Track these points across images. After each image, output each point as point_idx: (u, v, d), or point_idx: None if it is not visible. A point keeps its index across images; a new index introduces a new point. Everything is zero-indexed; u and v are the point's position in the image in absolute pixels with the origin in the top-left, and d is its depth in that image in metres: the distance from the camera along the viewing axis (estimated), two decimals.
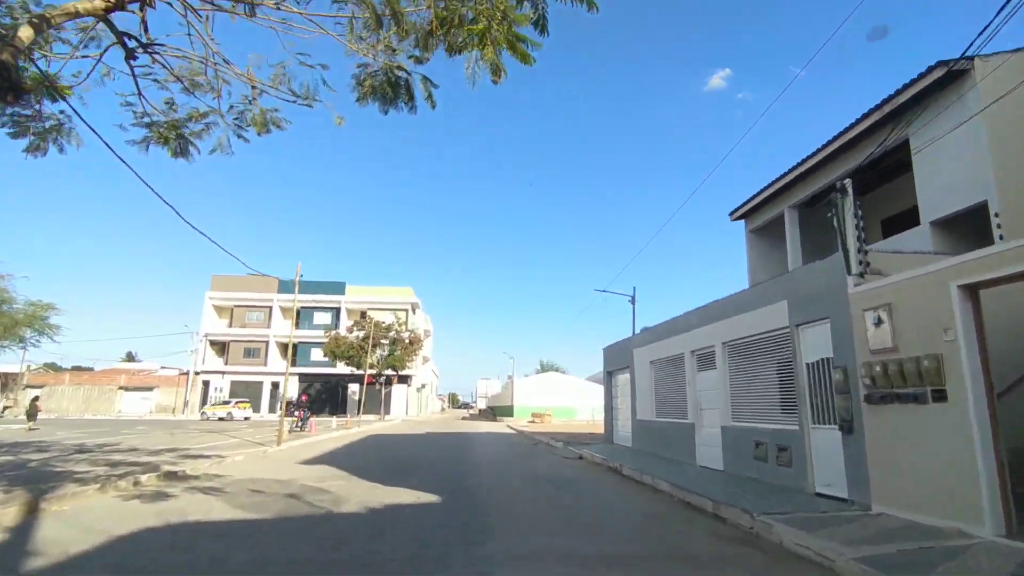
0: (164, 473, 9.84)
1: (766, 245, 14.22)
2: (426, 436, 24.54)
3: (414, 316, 55.27)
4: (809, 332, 8.17)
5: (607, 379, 19.29)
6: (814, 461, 7.97)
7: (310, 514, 6.96)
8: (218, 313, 53.53)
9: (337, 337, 42.45)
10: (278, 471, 11.33)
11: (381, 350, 43.94)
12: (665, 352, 13.77)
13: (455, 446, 19.12)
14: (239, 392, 50.52)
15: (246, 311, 52.97)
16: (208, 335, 51.17)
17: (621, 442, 17.64)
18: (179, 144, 8.04)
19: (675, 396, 13.22)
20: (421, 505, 7.75)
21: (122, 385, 49.61)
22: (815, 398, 8.01)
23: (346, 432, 24.72)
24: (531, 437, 25.05)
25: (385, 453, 15.89)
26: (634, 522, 7.13)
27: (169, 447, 15.82)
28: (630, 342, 16.63)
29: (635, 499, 8.62)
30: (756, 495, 7.85)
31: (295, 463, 12.82)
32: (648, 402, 14.73)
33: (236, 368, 50.76)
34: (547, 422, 43.06)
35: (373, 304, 52.29)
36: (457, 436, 25.15)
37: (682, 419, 12.65)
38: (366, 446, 18.46)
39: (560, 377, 55.15)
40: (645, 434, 14.95)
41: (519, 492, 9.19)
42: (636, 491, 9.42)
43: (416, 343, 44.03)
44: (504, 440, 23.54)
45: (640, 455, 14.03)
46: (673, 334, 13.25)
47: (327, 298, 52.83)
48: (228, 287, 52.00)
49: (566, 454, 16.15)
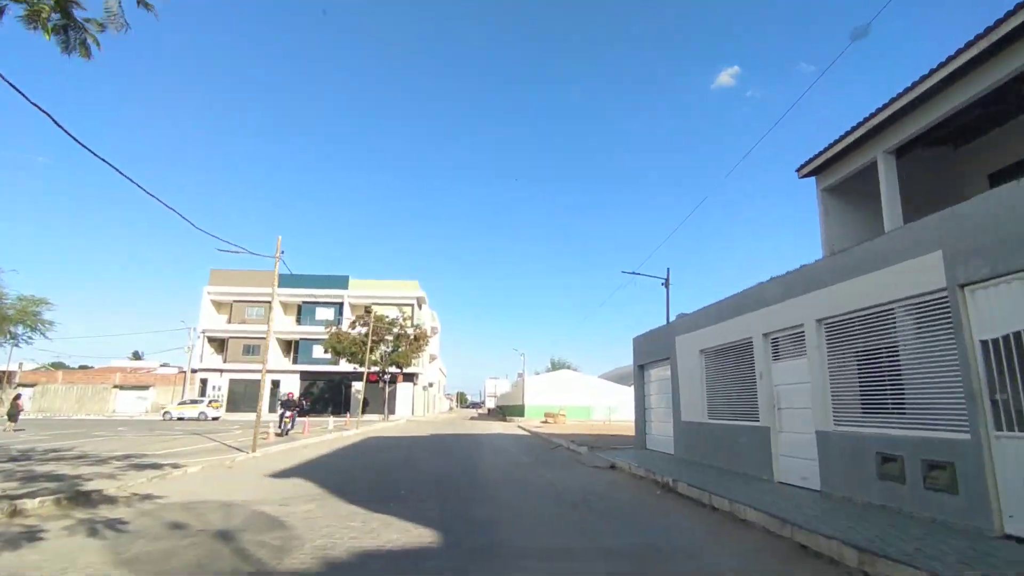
0: (73, 495, 7.35)
1: (846, 206, 11.48)
2: (431, 439, 22.01)
3: (420, 311, 52.85)
4: (989, 295, 5.49)
5: (638, 374, 16.63)
6: (1001, 487, 5.30)
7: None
8: (217, 309, 51.39)
9: (339, 332, 40.10)
10: (234, 489, 8.81)
11: (385, 346, 41.56)
12: (722, 338, 11.10)
13: (463, 452, 16.57)
14: (238, 391, 48.43)
15: (246, 306, 50.77)
16: (206, 331, 49.04)
17: (657, 448, 14.98)
18: (65, 30, 5.58)
19: (738, 392, 10.55)
20: (410, 552, 5.17)
21: (117, 384, 47.63)
22: (1000, 392, 5.34)
23: (342, 434, 22.24)
24: (547, 440, 22.45)
25: (379, 461, 13.35)
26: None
27: (126, 453, 13.40)
28: (671, 329, 13.96)
29: (725, 539, 5.96)
30: (908, 536, 5.20)
31: (263, 476, 10.30)
32: (697, 400, 12.06)
33: (235, 366, 48.57)
34: (561, 422, 40.43)
35: (378, 299, 49.84)
36: (465, 439, 22.60)
37: (749, 421, 9.98)
38: (359, 452, 15.95)
39: (573, 375, 52.42)
40: (693, 439, 12.29)
41: (552, 525, 6.58)
42: (713, 523, 6.77)
43: (422, 339, 41.59)
44: (517, 443, 20.97)
45: (691, 466, 11.36)
46: (735, 315, 10.58)
47: (330, 292, 50.52)
48: (227, 281, 49.82)
49: (594, 462, 13.53)
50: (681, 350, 13.03)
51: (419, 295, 51.77)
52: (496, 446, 19.15)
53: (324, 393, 49.28)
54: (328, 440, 19.47)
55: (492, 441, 21.79)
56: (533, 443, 21.24)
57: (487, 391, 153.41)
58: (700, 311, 12.24)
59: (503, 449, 18.11)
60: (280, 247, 15.99)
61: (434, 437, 22.85)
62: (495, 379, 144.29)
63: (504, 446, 19.47)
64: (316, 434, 21.50)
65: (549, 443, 21.25)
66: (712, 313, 11.62)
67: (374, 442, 19.59)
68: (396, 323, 40.98)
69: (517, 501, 8.29)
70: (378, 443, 19.22)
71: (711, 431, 11.42)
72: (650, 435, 15.73)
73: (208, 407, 36.74)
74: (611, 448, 16.27)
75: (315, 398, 48.70)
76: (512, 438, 24.17)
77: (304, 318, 51.29)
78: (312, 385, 49.33)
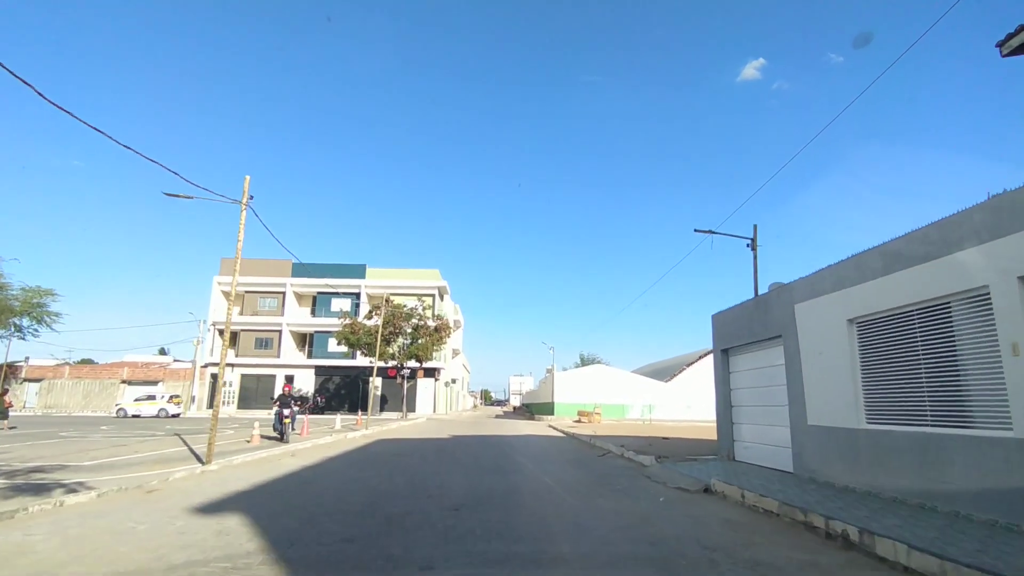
0: None
1: None
2: (451, 442, 18.37)
3: (442, 303, 49.41)
4: None
5: (721, 361, 12.64)
6: None
7: None
8: (227, 299, 48.78)
9: (353, 323, 36.82)
10: (108, 542, 5.22)
11: (403, 338, 38.18)
12: (902, 295, 7.09)
13: (489, 462, 12.84)
14: (250, 386, 45.71)
15: (258, 297, 48.02)
16: (216, 324, 46.44)
17: (755, 460, 11.02)
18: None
19: (944, 382, 6.55)
20: None
21: (124, 379, 45.32)
22: None
23: (346, 436, 18.75)
24: (590, 444, 18.62)
25: (376, 479, 9.71)
26: None
27: (40, 464, 10.07)
28: (784, 294, 9.93)
29: None
30: None
31: (187, 510, 6.70)
32: (842, 395, 8.08)
33: (246, 360, 45.85)
34: (596, 422, 36.48)
35: (397, 288, 46.56)
36: (493, 443, 18.90)
37: (977, 428, 6.01)
38: (356, 462, 12.35)
39: (607, 370, 48.28)
40: (832, 452, 8.30)
41: None
42: None
43: (444, 330, 38.05)
44: (556, 448, 17.19)
45: (843, 496, 7.39)
46: (933, 255, 6.57)
47: (345, 282, 47.31)
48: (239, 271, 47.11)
49: (673, 480, 9.66)
50: (808, 322, 9.03)
51: (440, 284, 48.31)
52: (531, 453, 15.38)
53: (340, 389, 46.23)
54: (325, 444, 15.96)
55: (525, 446, 18.05)
56: (574, 448, 17.40)
57: (511, 389, 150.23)
58: (846, 262, 8.20)
59: (541, 456, 14.34)
60: (248, 190, 12.42)
61: (456, 440, 19.20)
62: (520, 376, 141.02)
63: (540, 452, 15.70)
64: (318, 435, 18.08)
65: (592, 447, 17.41)
66: (872, 261, 7.62)
67: (381, 448, 16.01)
68: (415, 313, 37.53)
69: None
70: (385, 449, 15.63)
71: (874, 442, 7.43)
72: (741, 442, 11.75)
73: (169, 403, 33.78)
74: (683, 459, 12.35)
75: (330, 395, 45.72)
76: (547, 441, 20.38)
77: (319, 309, 48.29)
78: (327, 381, 46.34)
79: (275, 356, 46.24)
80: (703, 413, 46.50)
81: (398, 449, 15.49)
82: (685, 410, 46.24)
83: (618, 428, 29.54)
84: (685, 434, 24.10)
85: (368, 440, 18.20)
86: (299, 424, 19.15)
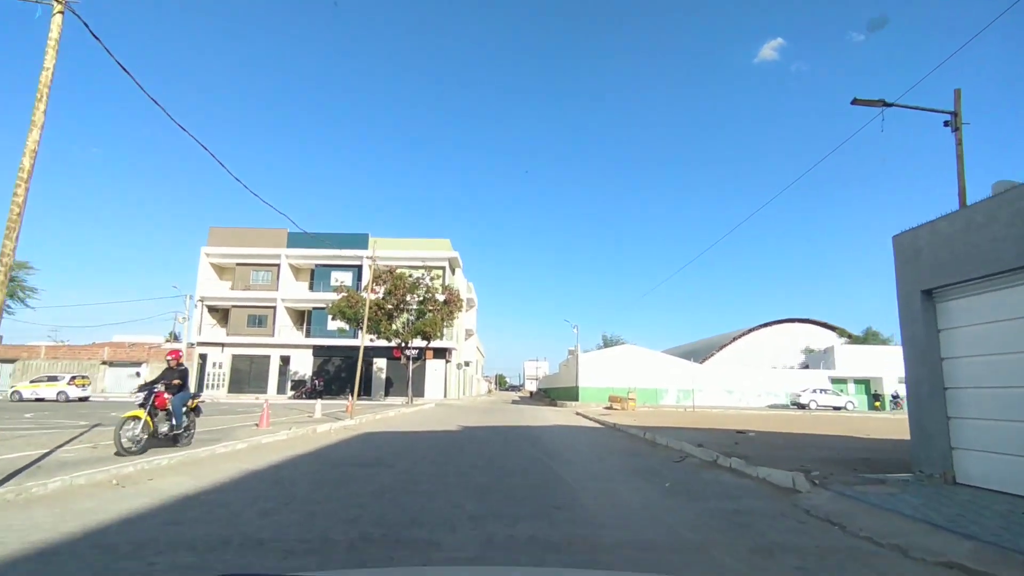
0: None
1: None
2: (460, 437, 13.47)
3: (453, 277, 44.48)
4: None
5: (923, 313, 7.32)
6: None
7: None
8: (218, 273, 44.39)
9: (350, 295, 32.07)
10: None
11: (408, 313, 33.36)
12: None
13: (518, 477, 7.84)
14: (242, 368, 41.37)
15: (250, 270, 43.50)
16: (205, 299, 42.07)
17: (1008, 485, 5.90)
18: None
19: None
20: None
21: (105, 360, 41.28)
22: None
23: (314, 431, 13.87)
24: (648, 440, 13.60)
25: (295, 524, 4.78)
26: None
27: None
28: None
29: None
30: None
31: None
32: None
33: (238, 339, 41.51)
34: (631, 409, 31.44)
35: (403, 260, 41.73)
36: (514, 436, 13.97)
37: None
38: (292, 480, 7.42)
39: (638, 351, 42.99)
40: None
41: None
42: None
43: (454, 302, 33.16)
44: (603, 447, 12.21)
45: None
46: None
47: (346, 253, 42.47)
48: (229, 241, 42.64)
49: (928, 547, 4.60)
50: None
51: (451, 255, 43.32)
52: (576, 457, 10.35)
53: (340, 372, 41.72)
54: (266, 446, 11.01)
55: (558, 441, 13.06)
56: (628, 448, 12.35)
57: (526, 374, 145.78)
58: None
59: (593, 459, 9.36)
60: None
61: (467, 435, 14.28)
62: (535, 361, 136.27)
63: (586, 453, 10.72)
64: (282, 427, 13.28)
65: (655, 446, 12.38)
66: None
67: (355, 449, 11.11)
68: (421, 283, 32.64)
69: None
70: (360, 451, 10.74)
71: None
72: (967, 451, 6.58)
73: (71, 384, 29.16)
74: (854, 477, 7.23)
75: (330, 377, 41.26)
76: (585, 435, 15.40)
77: (318, 284, 43.63)
78: (327, 363, 41.86)
79: (269, 335, 41.82)
80: (747, 399, 41.25)
81: (380, 452, 10.58)
82: (726, 396, 40.99)
83: (661, 416, 24.48)
84: (756, 425, 18.95)
85: (346, 435, 13.35)
86: (254, 413, 14.29)
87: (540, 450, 11.19)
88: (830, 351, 44.52)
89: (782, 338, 57.15)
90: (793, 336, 57.56)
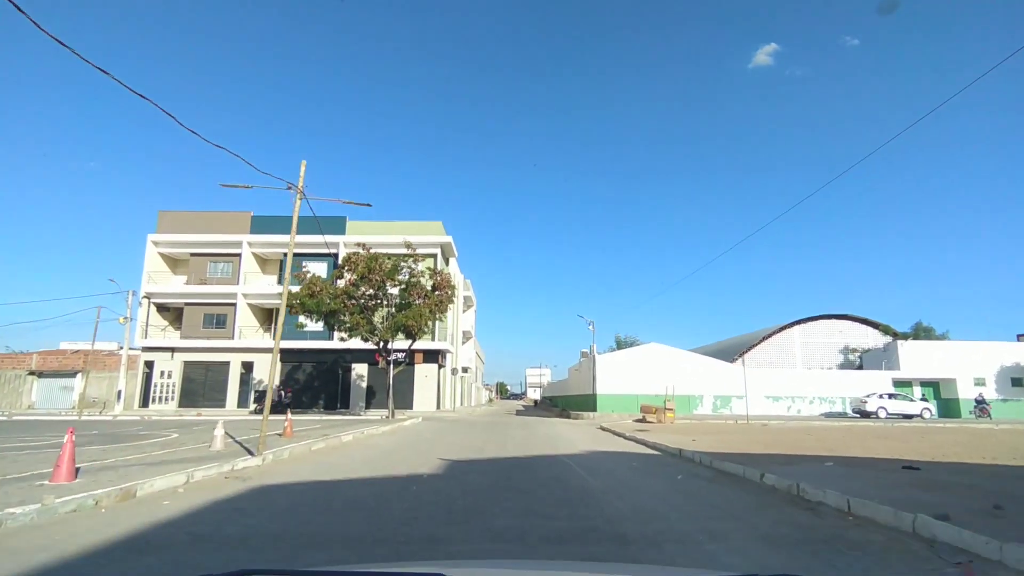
0: None
1: None
2: (431, 494, 6.95)
3: (447, 268, 38.01)
4: None
5: None
6: None
7: None
8: (171, 267, 37.94)
9: (313, 281, 25.64)
10: None
11: (389, 307, 26.91)
12: None
13: None
14: (196, 378, 34.76)
15: (207, 261, 37.00)
16: (152, 296, 35.58)
17: None
18: None
19: None
20: None
21: (33, 370, 34.68)
22: None
23: (155, 488, 7.32)
24: (790, 493, 7.08)
25: None
26: None
27: None
28: None
29: None
30: None
31: None
32: None
33: (193, 343, 34.95)
34: (669, 421, 24.93)
35: (388, 248, 35.28)
36: (535, 482, 7.48)
37: None
38: None
39: (667, 351, 36.24)
40: None
41: None
42: None
43: (445, 288, 26.69)
44: (739, 517, 5.71)
45: None
46: None
47: (321, 239, 36.06)
48: (181, 227, 36.20)
49: None
50: None
51: (444, 240, 36.85)
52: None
53: (313, 380, 35.19)
54: None
55: (637, 502, 6.57)
56: (779, 518, 5.79)
57: (529, 381, 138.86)
58: None
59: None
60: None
61: (448, 484, 7.72)
62: (537, 369, 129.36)
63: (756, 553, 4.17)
64: (92, 474, 6.82)
65: (816, 507, 5.78)
66: None
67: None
68: (403, 266, 26.22)
69: None
70: None
71: None
72: None
73: None
74: None
75: (300, 387, 34.65)
76: (651, 473, 8.84)
77: (293, 279, 37.02)
78: (296, 369, 35.29)
79: (229, 337, 35.24)
80: (797, 406, 34.61)
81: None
82: (771, 403, 34.37)
83: (714, 433, 17.86)
84: (843, 441, 12.51)
85: (198, 501, 6.79)
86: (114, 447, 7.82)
87: (630, 547, 4.64)
88: (891, 348, 37.91)
89: (817, 337, 50.76)
90: (829, 333, 51.17)
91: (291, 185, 10.47)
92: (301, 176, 10.82)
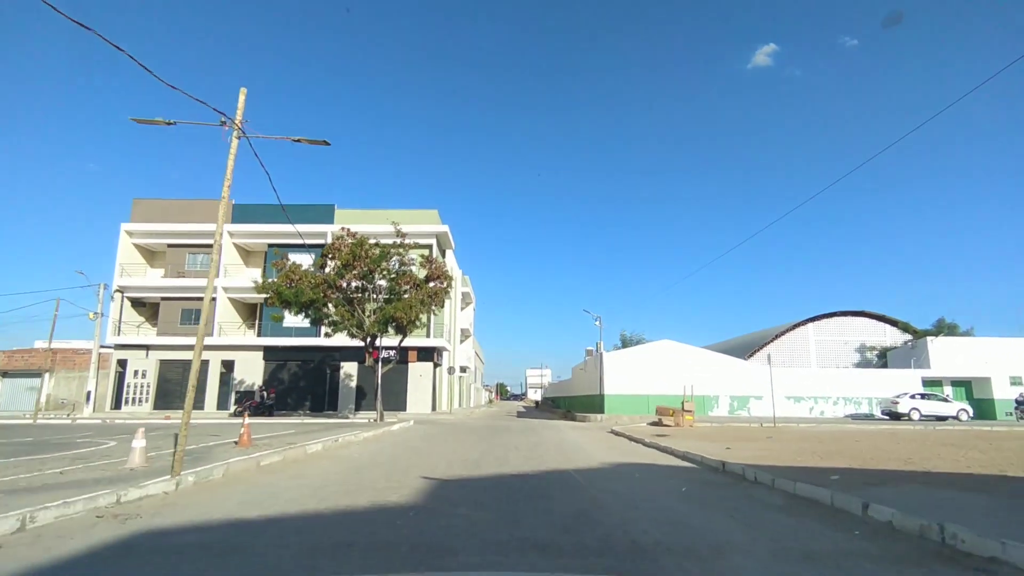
0: None
1: None
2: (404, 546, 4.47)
3: (444, 260, 35.50)
4: None
5: None
6: None
7: None
8: (148, 259, 35.46)
9: (292, 269, 23.17)
10: None
11: (375, 294, 24.45)
12: None
13: None
14: (172, 377, 32.24)
15: (185, 252, 34.54)
16: (124, 289, 33.10)
17: None
18: None
19: None
20: None
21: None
22: None
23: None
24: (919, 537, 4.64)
25: None
26: None
27: None
28: None
29: None
30: None
31: None
32: None
33: (169, 340, 32.46)
34: (687, 424, 22.48)
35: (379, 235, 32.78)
36: (566, 541, 5.02)
37: None
38: None
39: (679, 348, 33.68)
40: None
41: None
42: None
43: (440, 278, 24.22)
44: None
45: None
46: None
47: (307, 230, 33.55)
48: (157, 216, 33.74)
49: None
50: None
51: (439, 230, 34.38)
52: None
53: (299, 380, 32.66)
54: None
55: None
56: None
57: (529, 382, 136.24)
58: None
59: None
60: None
61: (418, 520, 5.20)
62: (538, 369, 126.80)
63: None
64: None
65: None
66: None
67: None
68: (392, 253, 23.75)
69: None
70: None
71: None
72: None
73: None
74: None
75: (284, 388, 32.16)
76: (704, 504, 6.35)
77: (271, 269, 34.57)
78: (281, 369, 32.77)
79: (208, 334, 32.65)
80: (820, 407, 32.07)
81: None
82: (792, 404, 31.83)
83: (744, 439, 15.32)
84: (892, 450, 10.08)
85: (41, 559, 4.34)
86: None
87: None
88: (920, 346, 35.39)
89: (832, 335, 48.36)
90: (844, 331, 48.72)
91: (226, 119, 7.98)
92: (240, 107, 8.34)
